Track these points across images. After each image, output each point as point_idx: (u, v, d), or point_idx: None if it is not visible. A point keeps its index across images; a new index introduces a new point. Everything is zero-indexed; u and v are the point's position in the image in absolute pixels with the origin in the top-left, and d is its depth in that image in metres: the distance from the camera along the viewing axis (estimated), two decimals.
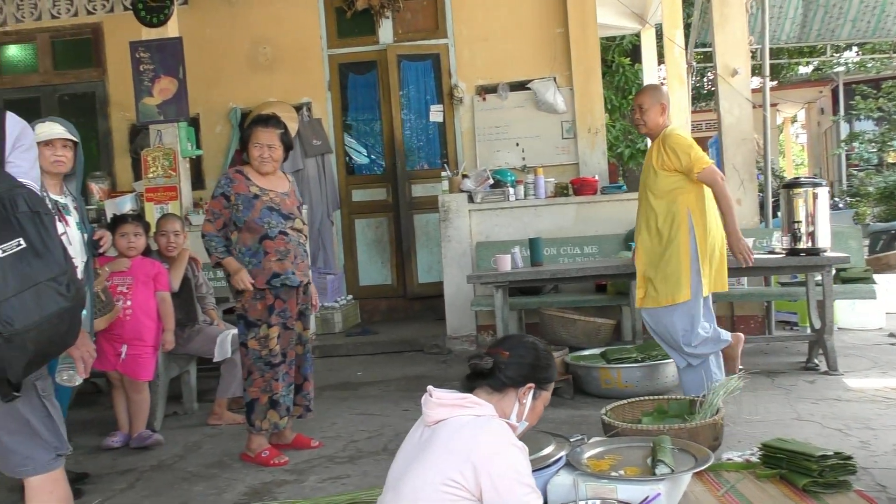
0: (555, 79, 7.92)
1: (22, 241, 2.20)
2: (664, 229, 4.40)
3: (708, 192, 4.39)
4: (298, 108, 8.10)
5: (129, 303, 4.67)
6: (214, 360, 5.08)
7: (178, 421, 5.15)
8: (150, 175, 7.19)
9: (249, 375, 4.22)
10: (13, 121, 2.41)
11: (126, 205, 7.19)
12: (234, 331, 4.85)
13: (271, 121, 4.35)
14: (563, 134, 7.93)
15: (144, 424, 4.66)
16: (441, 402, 2.41)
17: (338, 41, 8.36)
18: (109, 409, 4.88)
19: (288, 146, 4.39)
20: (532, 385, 2.52)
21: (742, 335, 4.74)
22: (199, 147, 7.78)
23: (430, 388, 2.46)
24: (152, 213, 6.91)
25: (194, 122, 7.91)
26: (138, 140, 8.15)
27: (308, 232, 4.46)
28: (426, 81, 8.33)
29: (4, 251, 2.18)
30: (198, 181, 8.08)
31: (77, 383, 3.12)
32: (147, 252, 4.97)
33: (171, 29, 7.31)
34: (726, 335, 4.47)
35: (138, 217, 5.14)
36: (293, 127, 7.65)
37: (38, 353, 2.25)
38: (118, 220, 4.94)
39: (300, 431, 4.49)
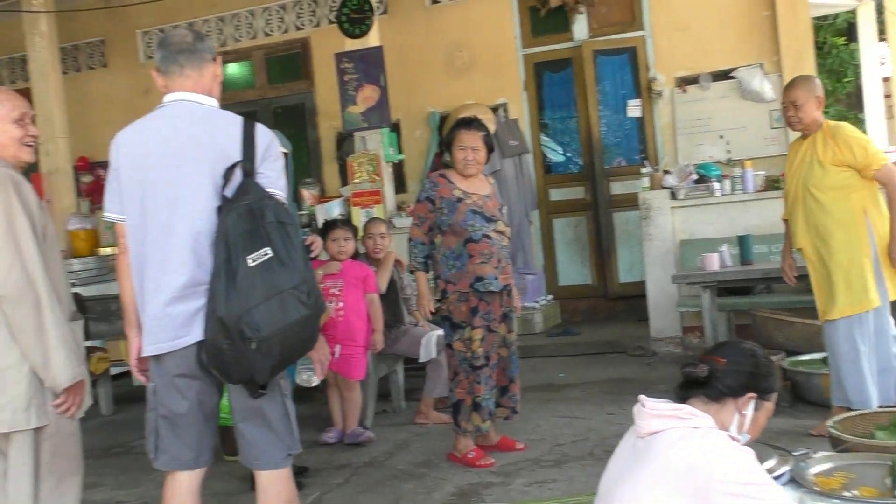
0: (762, 65, 7.48)
1: (269, 251, 2.33)
2: (837, 230, 4.07)
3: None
4: (495, 110, 8.15)
5: (341, 304, 4.88)
6: (420, 361, 5.21)
7: (387, 419, 5.33)
8: (356, 180, 7.51)
9: (455, 376, 4.28)
10: (262, 132, 2.54)
11: (335, 209, 7.54)
12: (439, 332, 4.95)
13: (474, 123, 4.39)
14: (772, 123, 7.46)
15: (357, 421, 4.86)
16: (655, 413, 2.30)
17: (532, 40, 8.33)
18: (325, 405, 5.12)
19: (490, 148, 4.42)
20: (753, 395, 2.36)
21: None
22: (400, 151, 8.03)
23: (641, 397, 2.36)
24: (358, 217, 7.21)
25: (395, 128, 8.17)
26: (344, 147, 8.53)
27: (510, 234, 4.46)
28: (623, 76, 8.13)
29: (254, 261, 2.31)
30: (400, 185, 8.34)
31: (314, 384, 3.28)
32: (355, 255, 5.18)
33: (373, 38, 7.58)
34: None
35: (347, 222, 5.35)
36: (491, 128, 7.71)
37: (283, 358, 2.39)
38: (329, 226, 5.17)
39: (505, 433, 4.51)
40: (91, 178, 9.02)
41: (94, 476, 4.59)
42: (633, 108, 7.99)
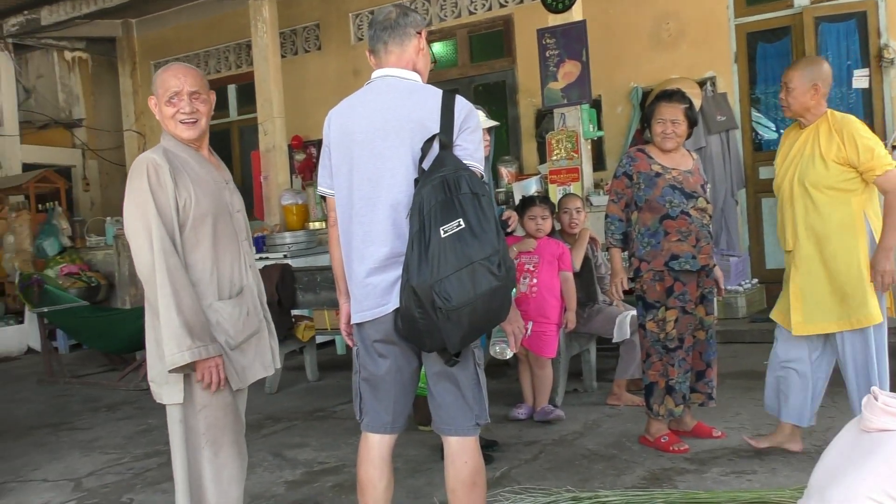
0: None
1: (461, 222, 2.36)
2: (834, 233, 3.63)
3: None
4: (702, 84, 7.78)
5: (534, 281, 4.86)
6: (613, 341, 5.10)
7: (577, 398, 5.27)
8: (554, 157, 7.44)
9: (648, 358, 4.15)
10: (461, 103, 2.57)
11: (531, 187, 7.52)
12: (633, 312, 4.82)
13: (675, 95, 4.21)
14: None
15: (547, 399, 4.83)
16: (890, 410, 2.10)
17: (746, 9, 7.85)
18: (516, 381, 5.14)
19: (692, 122, 4.22)
20: None
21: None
22: (600, 128, 7.87)
23: (874, 389, 2.17)
24: (555, 195, 7.13)
25: (596, 104, 8.00)
26: (543, 124, 8.48)
27: (712, 212, 4.24)
28: (848, 44, 7.48)
29: (445, 231, 2.35)
30: (599, 162, 8.18)
31: (508, 357, 3.28)
32: (551, 232, 5.13)
33: (576, 13, 7.45)
34: None
35: (546, 199, 5.27)
36: (696, 103, 7.37)
37: (472, 328, 2.41)
38: (527, 203, 5.11)
39: (702, 419, 4.33)
40: (303, 155, 9.53)
41: (299, 437, 4.90)
42: (860, 79, 7.35)
